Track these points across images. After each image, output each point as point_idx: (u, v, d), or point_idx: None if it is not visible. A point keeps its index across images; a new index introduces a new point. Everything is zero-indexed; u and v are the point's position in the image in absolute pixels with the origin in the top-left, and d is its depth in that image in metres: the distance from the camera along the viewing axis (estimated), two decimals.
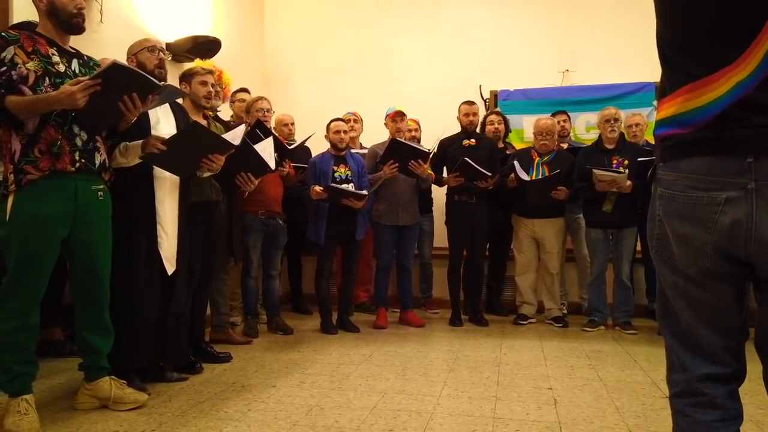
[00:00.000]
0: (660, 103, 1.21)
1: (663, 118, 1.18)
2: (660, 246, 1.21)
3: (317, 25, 5.91)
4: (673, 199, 1.16)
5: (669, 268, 1.21)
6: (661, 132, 1.19)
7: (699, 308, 1.18)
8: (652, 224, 1.23)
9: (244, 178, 3.26)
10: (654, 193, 1.23)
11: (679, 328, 1.23)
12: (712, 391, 1.18)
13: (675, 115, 1.14)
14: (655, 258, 1.24)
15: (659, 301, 1.29)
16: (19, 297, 2.20)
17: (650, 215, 1.25)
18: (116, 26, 3.69)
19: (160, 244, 2.72)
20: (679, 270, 1.18)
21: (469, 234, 4.46)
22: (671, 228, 1.17)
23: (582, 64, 5.24)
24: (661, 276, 1.25)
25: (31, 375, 2.28)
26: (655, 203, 1.22)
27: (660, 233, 1.20)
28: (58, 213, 2.26)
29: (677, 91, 1.13)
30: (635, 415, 2.46)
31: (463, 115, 4.47)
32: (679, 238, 1.16)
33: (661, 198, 1.19)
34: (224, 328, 3.79)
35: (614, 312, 4.34)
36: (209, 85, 3.12)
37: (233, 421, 2.36)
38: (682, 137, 1.13)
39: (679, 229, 1.15)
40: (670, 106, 1.15)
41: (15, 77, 2.16)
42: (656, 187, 1.22)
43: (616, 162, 4.18)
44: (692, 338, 1.21)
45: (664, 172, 1.19)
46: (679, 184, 1.14)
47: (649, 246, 1.30)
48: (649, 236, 1.26)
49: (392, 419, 2.39)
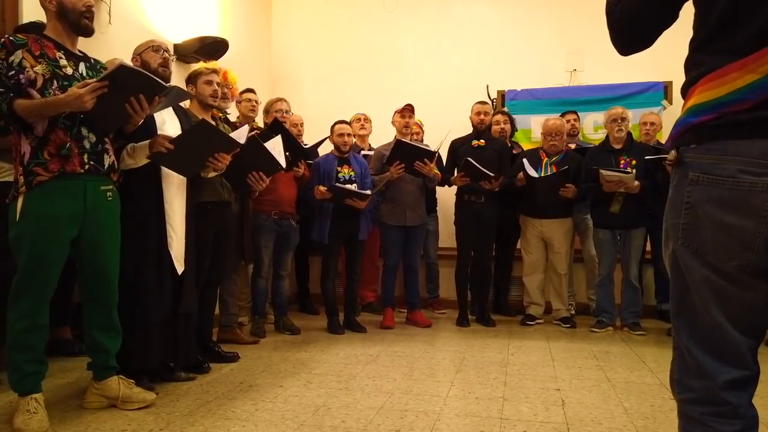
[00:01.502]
0: (695, 87, 1.09)
1: (703, 102, 1.06)
2: (689, 236, 1.10)
3: (324, 25, 5.92)
4: (714, 185, 1.04)
5: (699, 260, 1.09)
6: (699, 119, 1.07)
7: (729, 306, 1.08)
8: (677, 212, 1.12)
9: (255, 177, 3.28)
10: (681, 177, 1.11)
11: (701, 327, 1.12)
12: (735, 400, 1.10)
13: (721, 97, 1.03)
14: (681, 249, 1.12)
15: (676, 296, 1.17)
16: (29, 297, 2.22)
17: (673, 201, 1.14)
18: (124, 28, 3.71)
19: (169, 244, 2.73)
20: (710, 263, 1.08)
21: (477, 234, 4.45)
22: (710, 217, 1.05)
23: (590, 63, 5.22)
24: (686, 269, 1.12)
25: (41, 374, 2.29)
26: (683, 189, 1.10)
27: (690, 222, 1.09)
28: (67, 214, 2.27)
29: (723, 68, 1.03)
30: (644, 417, 2.44)
31: (475, 114, 4.47)
32: (721, 229, 1.04)
33: (695, 183, 1.07)
34: (232, 328, 3.81)
35: (622, 313, 4.32)
36: (214, 84, 3.13)
37: (240, 421, 2.36)
38: (729, 117, 1.03)
39: (723, 218, 1.04)
40: (714, 87, 1.04)
41: (23, 81, 2.18)
42: (684, 171, 1.10)
43: (623, 162, 4.16)
44: (716, 339, 1.10)
45: (699, 155, 1.07)
46: (724, 168, 1.03)
47: (669, 235, 1.16)
48: (671, 225, 1.14)
49: (399, 419, 2.39)
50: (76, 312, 2.76)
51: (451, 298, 4.84)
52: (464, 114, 4.61)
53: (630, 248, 4.20)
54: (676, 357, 1.18)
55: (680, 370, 1.17)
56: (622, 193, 4.08)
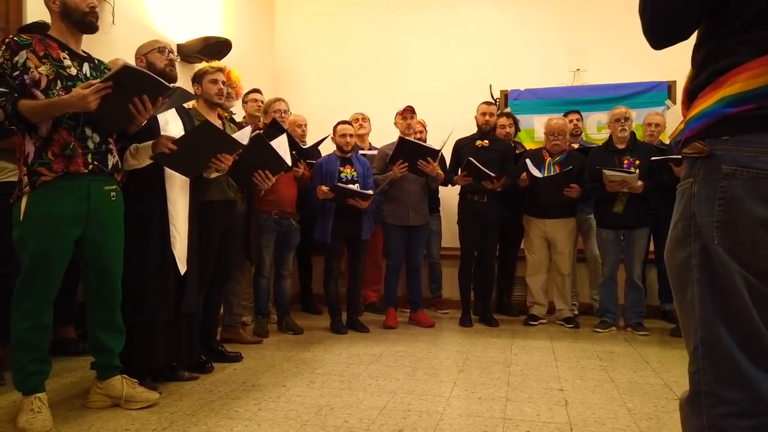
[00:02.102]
0: (728, 77, 1.02)
1: (743, 91, 1.00)
2: (724, 234, 1.02)
3: (327, 25, 5.92)
4: (758, 180, 0.98)
5: (736, 260, 1.02)
6: (737, 109, 1.01)
7: (765, 310, 1.02)
8: (709, 208, 1.04)
9: (261, 176, 3.28)
10: (710, 171, 1.04)
11: (743, 332, 1.02)
12: None
13: (764, 86, 0.97)
14: (717, 249, 1.04)
15: (708, 298, 1.06)
16: (33, 297, 2.22)
17: (703, 197, 1.05)
18: (128, 28, 3.72)
19: (173, 244, 2.74)
20: (747, 263, 1.01)
21: (480, 234, 4.45)
22: (749, 213, 0.99)
23: (593, 63, 5.21)
24: (724, 270, 1.04)
25: (44, 373, 2.30)
26: (715, 183, 1.03)
27: (726, 219, 1.02)
28: (71, 213, 2.28)
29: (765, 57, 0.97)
30: (647, 417, 2.44)
31: (480, 114, 4.47)
32: (762, 226, 0.98)
33: (732, 177, 1.01)
34: (235, 328, 3.81)
35: (626, 313, 4.31)
36: (219, 83, 3.14)
37: (243, 421, 2.36)
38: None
39: (765, 214, 0.97)
40: (755, 76, 0.98)
41: (28, 81, 2.18)
42: (716, 164, 1.03)
43: (627, 162, 4.15)
44: (757, 345, 1.02)
45: (734, 147, 1.01)
46: (765, 162, 0.97)
47: (698, 233, 1.07)
48: (701, 222, 1.06)
49: (402, 419, 2.39)
50: (80, 312, 2.77)
51: (454, 298, 4.84)
52: (467, 114, 4.61)
53: (633, 248, 4.19)
54: (707, 367, 1.06)
55: (713, 380, 1.05)
56: (626, 193, 4.07)
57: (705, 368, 1.06)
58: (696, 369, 1.08)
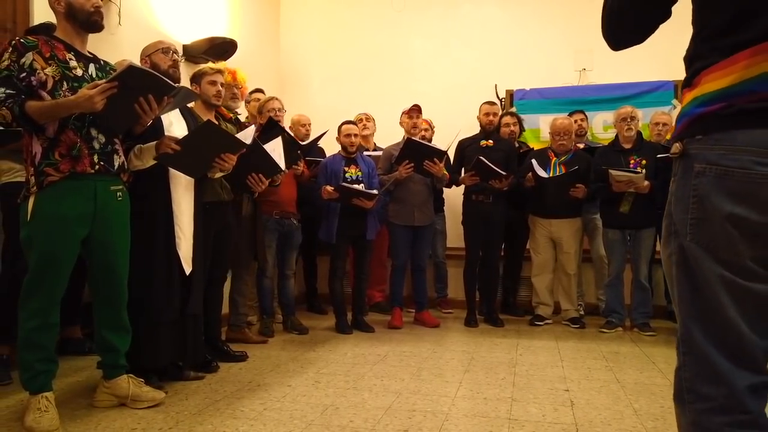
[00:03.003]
0: (700, 78, 1.05)
1: (711, 91, 1.03)
2: (698, 231, 1.04)
3: (332, 25, 5.93)
4: (725, 177, 0.99)
5: (710, 256, 1.03)
6: (706, 108, 1.03)
7: (745, 304, 1.02)
8: (684, 206, 1.06)
9: (255, 179, 3.29)
10: (685, 170, 1.06)
11: (717, 328, 1.04)
12: (755, 409, 1.02)
13: (730, 86, 0.99)
14: (690, 246, 1.06)
15: (686, 297, 1.09)
16: (40, 296, 2.24)
17: (679, 196, 1.08)
18: (134, 29, 3.73)
19: (177, 245, 2.75)
20: (723, 259, 1.02)
21: (485, 234, 4.44)
22: (720, 210, 1.00)
23: (599, 62, 5.19)
24: (697, 266, 1.06)
25: (51, 373, 2.31)
26: (689, 182, 1.05)
27: (699, 217, 1.03)
28: (77, 213, 2.29)
29: (731, 57, 0.99)
30: (654, 418, 2.42)
31: (484, 114, 4.46)
32: (734, 223, 0.99)
33: (702, 175, 1.02)
34: (241, 328, 3.82)
35: (632, 313, 4.29)
36: (218, 84, 3.13)
37: (249, 420, 2.37)
38: (739, 106, 0.99)
39: (734, 210, 0.99)
40: (722, 76, 1.01)
41: (34, 83, 2.19)
42: (689, 163, 1.05)
43: (633, 162, 4.13)
44: (733, 341, 1.03)
45: (705, 146, 1.03)
46: (733, 159, 0.99)
47: (675, 231, 1.10)
48: (678, 220, 1.08)
49: (407, 419, 2.39)
50: (87, 311, 2.78)
51: (460, 297, 4.83)
52: (473, 114, 4.60)
53: (640, 248, 4.18)
54: (687, 363, 1.09)
55: (694, 377, 1.07)
56: (632, 193, 4.06)
57: (686, 364, 1.09)
58: (678, 365, 1.10)
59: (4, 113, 2.12)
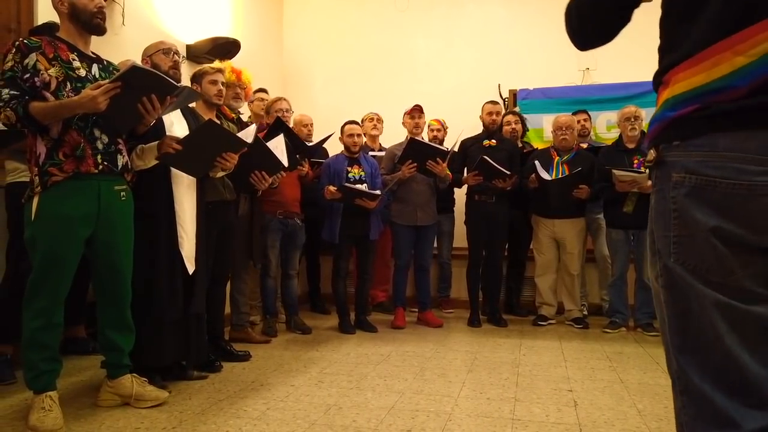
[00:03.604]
0: (671, 75, 0.94)
1: (684, 91, 0.90)
2: (683, 251, 0.91)
3: (335, 25, 5.93)
4: (707, 187, 0.87)
5: (699, 279, 0.90)
6: (680, 111, 0.91)
7: (747, 332, 0.87)
8: (664, 222, 0.94)
9: (258, 177, 3.29)
10: (663, 181, 0.94)
11: (714, 362, 0.89)
12: None
13: (705, 84, 0.87)
14: (676, 268, 0.92)
15: (675, 327, 0.94)
16: (44, 296, 2.24)
17: (659, 210, 0.96)
18: (137, 29, 3.74)
19: (180, 244, 2.75)
20: (717, 282, 0.88)
21: (488, 234, 4.44)
22: (704, 224, 0.87)
23: (602, 62, 5.18)
24: (687, 293, 0.92)
25: (55, 372, 2.32)
26: (667, 194, 0.92)
27: (682, 234, 0.91)
28: (81, 213, 2.29)
29: (704, 51, 0.87)
30: (657, 418, 2.42)
31: (487, 113, 4.45)
32: (722, 239, 0.86)
33: (680, 185, 0.90)
34: (244, 327, 3.82)
35: (636, 313, 4.28)
36: (219, 84, 3.13)
37: (252, 420, 2.37)
38: (718, 107, 0.86)
39: (720, 224, 0.86)
40: (695, 73, 0.88)
41: (38, 84, 2.20)
42: (667, 173, 0.93)
43: (637, 162, 4.12)
44: (734, 375, 0.88)
45: (683, 153, 0.90)
46: (715, 167, 0.86)
47: (658, 251, 0.97)
48: (660, 238, 0.96)
49: (410, 419, 2.38)
50: (91, 310, 2.79)
51: (462, 297, 4.83)
52: (476, 114, 4.59)
53: (643, 248, 4.16)
54: (686, 403, 0.95)
55: (694, 419, 0.93)
56: (636, 193, 4.05)
57: (684, 405, 0.95)
58: (677, 406, 0.97)
59: (8, 114, 2.14)
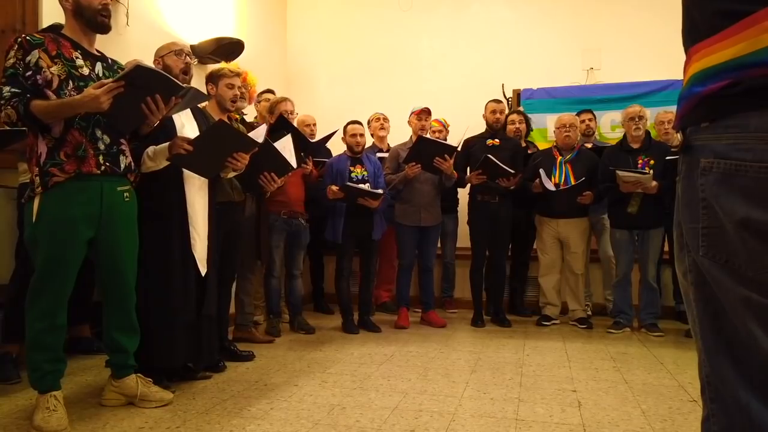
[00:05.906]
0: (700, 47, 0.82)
1: (713, 65, 0.79)
2: (713, 244, 0.81)
3: (339, 25, 5.94)
4: (737, 173, 0.77)
5: (732, 275, 0.80)
6: (708, 87, 0.80)
7: None
8: (692, 213, 0.84)
9: (267, 178, 3.29)
10: (690, 167, 0.85)
11: (753, 367, 0.79)
12: None
13: (740, 57, 0.76)
14: (706, 263, 0.83)
15: (708, 326, 0.86)
16: (47, 297, 2.23)
17: (686, 200, 0.86)
18: (142, 29, 3.75)
19: (193, 246, 2.74)
20: (750, 278, 0.77)
21: (491, 234, 4.43)
22: (731, 215, 0.78)
23: (607, 61, 5.17)
24: (717, 288, 0.83)
25: (60, 372, 2.32)
26: (695, 182, 0.83)
27: (711, 226, 0.81)
28: (84, 214, 2.28)
29: (743, 21, 0.75)
30: (662, 419, 2.41)
31: (490, 112, 4.45)
32: (754, 230, 0.76)
33: (709, 172, 0.80)
34: (247, 327, 3.83)
35: (640, 314, 4.27)
36: (236, 88, 3.11)
37: (256, 420, 2.37)
38: (751, 82, 0.75)
39: (751, 214, 0.75)
40: (729, 45, 0.77)
41: (40, 82, 2.18)
42: (695, 158, 0.83)
43: (641, 162, 4.11)
44: None
45: (713, 135, 0.81)
46: (749, 151, 0.76)
47: (686, 245, 0.88)
48: (689, 231, 0.86)
49: (414, 420, 2.38)
50: (96, 310, 2.79)
51: (466, 297, 4.82)
52: (479, 113, 4.59)
53: (648, 249, 4.16)
54: (715, 412, 0.85)
55: (725, 430, 0.83)
56: (640, 194, 4.03)
57: (714, 414, 0.85)
58: (705, 415, 0.87)
59: (9, 112, 2.12)
